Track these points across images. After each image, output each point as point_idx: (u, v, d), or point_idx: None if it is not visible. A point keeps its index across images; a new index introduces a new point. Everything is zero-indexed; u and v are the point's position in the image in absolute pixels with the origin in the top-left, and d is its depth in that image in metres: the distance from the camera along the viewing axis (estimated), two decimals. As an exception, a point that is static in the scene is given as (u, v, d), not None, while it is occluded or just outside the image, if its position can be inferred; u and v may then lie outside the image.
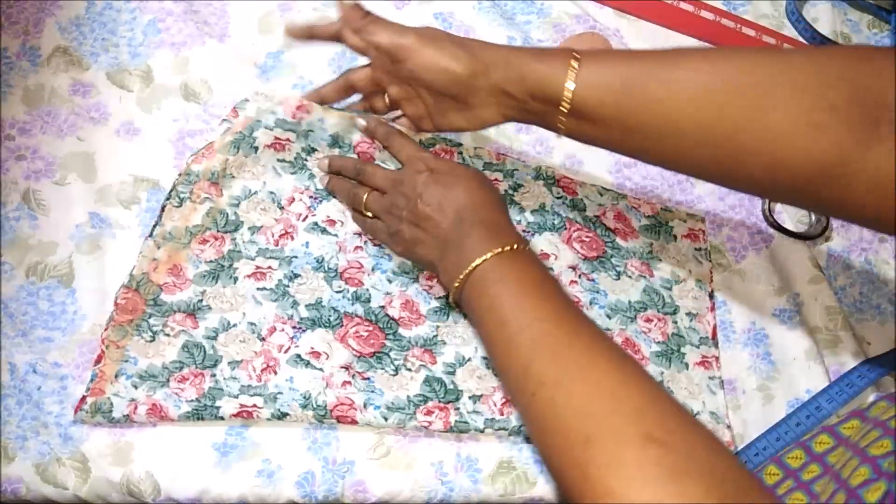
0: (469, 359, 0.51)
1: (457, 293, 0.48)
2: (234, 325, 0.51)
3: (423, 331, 0.52)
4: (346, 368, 0.50)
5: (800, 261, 0.58)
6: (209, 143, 0.55)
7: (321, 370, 0.50)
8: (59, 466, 0.47)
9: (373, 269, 0.53)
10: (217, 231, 0.53)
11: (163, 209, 0.53)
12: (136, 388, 0.48)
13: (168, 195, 0.54)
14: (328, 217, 0.55)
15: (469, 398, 0.50)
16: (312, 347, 0.50)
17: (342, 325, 0.51)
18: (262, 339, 0.50)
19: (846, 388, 0.53)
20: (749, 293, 0.57)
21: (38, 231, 0.54)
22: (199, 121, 0.58)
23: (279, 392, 0.49)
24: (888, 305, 0.59)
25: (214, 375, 0.49)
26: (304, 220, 0.54)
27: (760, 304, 0.57)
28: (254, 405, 0.48)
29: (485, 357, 0.51)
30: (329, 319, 0.51)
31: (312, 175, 0.56)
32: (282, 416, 0.48)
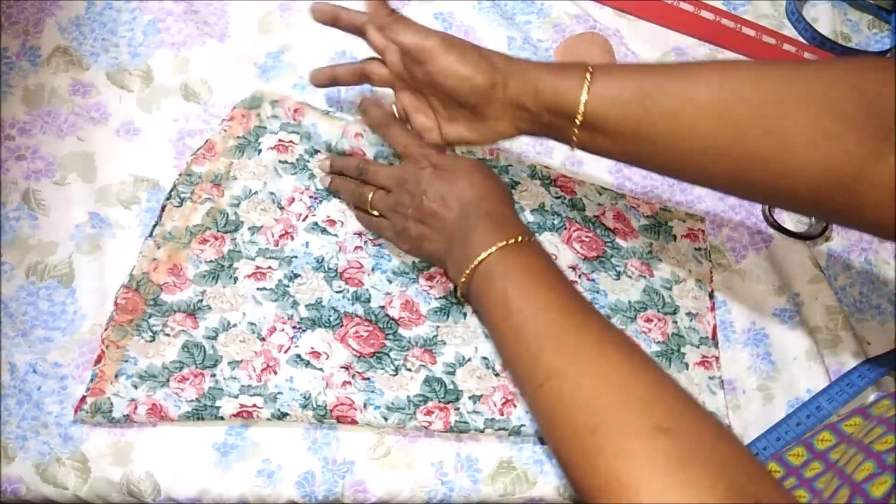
0: (469, 359, 0.51)
1: (464, 287, 0.48)
2: (234, 325, 0.51)
3: (423, 331, 0.52)
4: (346, 368, 0.50)
5: (800, 261, 0.58)
6: (208, 142, 0.55)
7: (321, 370, 0.50)
8: (59, 466, 0.47)
9: (373, 269, 0.53)
10: (217, 231, 0.53)
11: (163, 209, 0.53)
12: (136, 388, 0.48)
13: (168, 195, 0.54)
14: (328, 217, 0.55)
15: (469, 398, 0.50)
16: (312, 347, 0.50)
17: (342, 325, 0.51)
18: (262, 339, 0.50)
19: (846, 388, 0.53)
20: (749, 293, 0.57)
21: (38, 231, 0.54)
22: (199, 121, 0.58)
23: (279, 392, 0.49)
24: (888, 305, 0.59)
25: (214, 375, 0.49)
26: (304, 221, 0.54)
27: (760, 304, 0.57)
28: (254, 405, 0.48)
29: (485, 357, 0.51)
30: (329, 319, 0.51)
31: (313, 175, 0.56)
32: (282, 416, 0.48)
